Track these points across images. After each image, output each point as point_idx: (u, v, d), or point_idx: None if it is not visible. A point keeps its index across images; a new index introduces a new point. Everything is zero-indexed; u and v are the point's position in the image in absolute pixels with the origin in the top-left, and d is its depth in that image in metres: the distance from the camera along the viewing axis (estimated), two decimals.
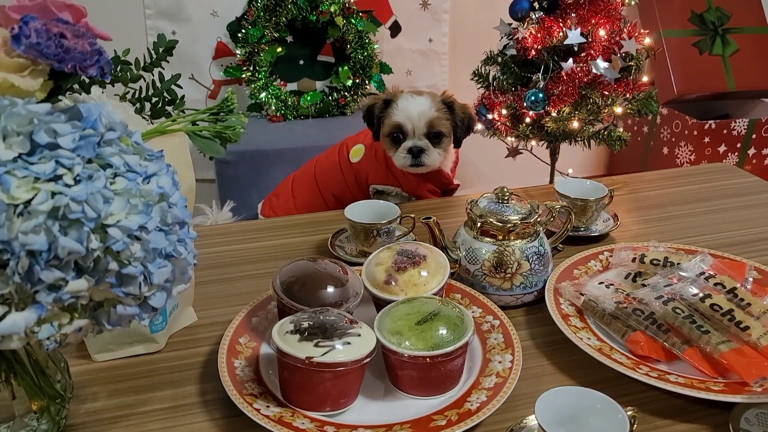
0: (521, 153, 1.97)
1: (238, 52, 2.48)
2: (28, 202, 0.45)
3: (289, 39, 2.56)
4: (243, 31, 2.46)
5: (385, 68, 2.60)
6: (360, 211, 1.10)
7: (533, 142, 1.89)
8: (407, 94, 1.37)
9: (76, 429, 0.73)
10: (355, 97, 2.57)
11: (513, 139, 1.85)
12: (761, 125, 2.61)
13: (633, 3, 1.69)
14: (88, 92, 0.63)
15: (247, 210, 1.88)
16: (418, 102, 1.35)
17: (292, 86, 2.61)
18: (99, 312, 0.52)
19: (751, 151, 2.66)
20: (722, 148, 2.60)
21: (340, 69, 2.57)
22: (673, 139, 2.69)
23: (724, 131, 2.58)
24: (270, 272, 0.89)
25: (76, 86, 0.61)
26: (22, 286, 0.47)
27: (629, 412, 0.63)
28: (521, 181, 1.77)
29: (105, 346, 0.84)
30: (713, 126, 2.56)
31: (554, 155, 1.97)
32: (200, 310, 0.95)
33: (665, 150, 2.75)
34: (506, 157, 1.97)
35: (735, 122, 2.58)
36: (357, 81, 2.56)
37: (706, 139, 2.57)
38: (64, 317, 0.50)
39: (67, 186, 0.47)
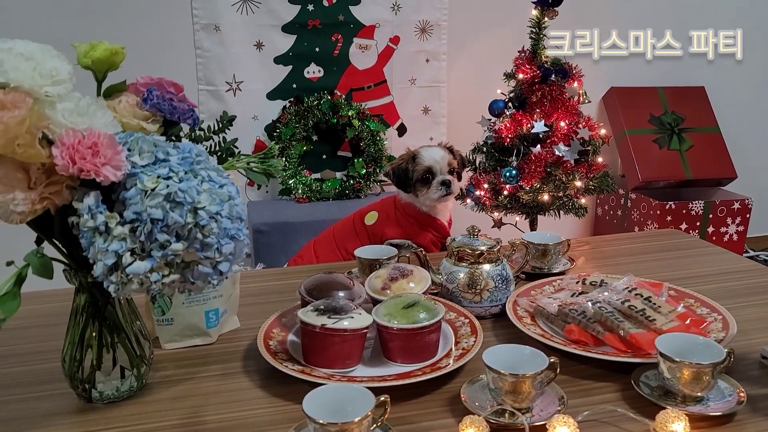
0: (504, 225, 2.20)
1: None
2: (153, 189, 0.69)
3: (315, 137, 2.90)
4: (278, 131, 2.82)
5: (392, 161, 2.90)
6: (367, 252, 1.32)
7: (517, 218, 2.12)
8: (423, 148, 1.70)
9: (153, 386, 0.92)
10: (368, 183, 2.87)
11: (497, 214, 2.09)
12: (716, 206, 2.83)
13: (588, 101, 1.98)
14: (180, 141, 0.88)
15: None
16: (436, 150, 1.69)
17: (316, 175, 2.93)
18: (186, 271, 0.74)
19: (710, 229, 2.86)
20: (684, 226, 2.81)
21: (356, 161, 2.89)
22: (642, 219, 2.91)
23: (683, 211, 2.80)
24: (296, 300, 1.09)
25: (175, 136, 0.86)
26: (144, 243, 0.69)
27: (551, 359, 0.82)
28: None
29: (172, 337, 1.04)
30: (673, 207, 2.78)
31: (533, 226, 2.19)
32: (243, 320, 1.15)
33: (636, 229, 2.96)
34: (492, 227, 2.19)
35: (692, 203, 2.80)
36: (369, 170, 2.87)
37: (669, 218, 2.79)
38: (165, 270, 0.72)
39: (175, 182, 0.70)
